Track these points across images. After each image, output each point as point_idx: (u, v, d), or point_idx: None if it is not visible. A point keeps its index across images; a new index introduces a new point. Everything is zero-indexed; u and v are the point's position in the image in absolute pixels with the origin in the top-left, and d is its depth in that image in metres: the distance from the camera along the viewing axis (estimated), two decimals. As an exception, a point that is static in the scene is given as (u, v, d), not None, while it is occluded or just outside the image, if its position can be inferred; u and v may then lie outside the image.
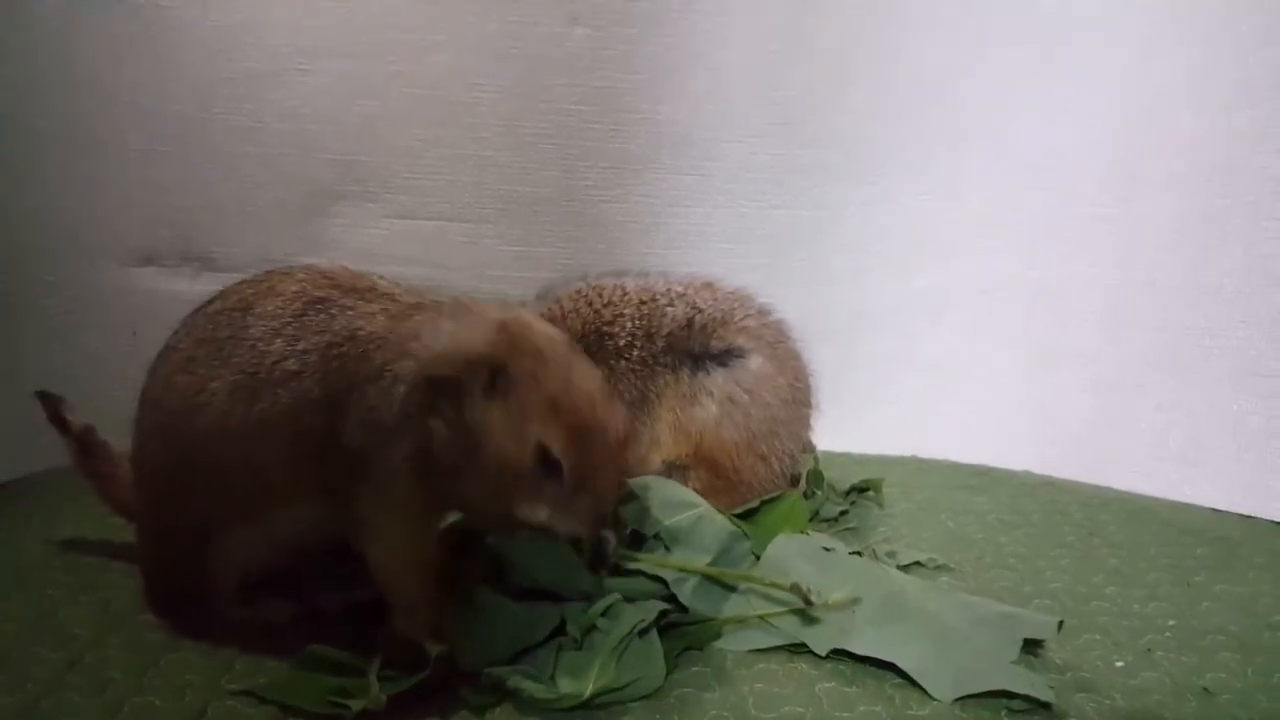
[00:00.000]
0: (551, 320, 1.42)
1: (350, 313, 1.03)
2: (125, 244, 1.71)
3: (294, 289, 1.06)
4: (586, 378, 1.00)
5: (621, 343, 1.43)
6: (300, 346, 1.01)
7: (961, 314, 1.88)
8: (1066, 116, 1.76)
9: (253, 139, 1.70)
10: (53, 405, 1.21)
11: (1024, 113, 1.78)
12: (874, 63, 1.76)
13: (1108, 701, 0.99)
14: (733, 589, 1.16)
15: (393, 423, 0.96)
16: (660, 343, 1.43)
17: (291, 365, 1.01)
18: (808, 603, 1.09)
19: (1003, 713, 0.96)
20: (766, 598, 1.13)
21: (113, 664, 1.02)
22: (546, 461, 0.95)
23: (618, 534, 1.12)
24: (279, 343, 1.02)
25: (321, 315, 1.03)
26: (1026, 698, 0.97)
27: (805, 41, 1.74)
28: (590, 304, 1.46)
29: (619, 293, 1.47)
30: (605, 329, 1.44)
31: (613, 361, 1.42)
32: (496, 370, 0.95)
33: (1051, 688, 0.98)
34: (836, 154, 1.79)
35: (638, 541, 1.23)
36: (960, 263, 1.85)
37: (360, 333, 1.01)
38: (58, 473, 1.27)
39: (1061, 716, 0.96)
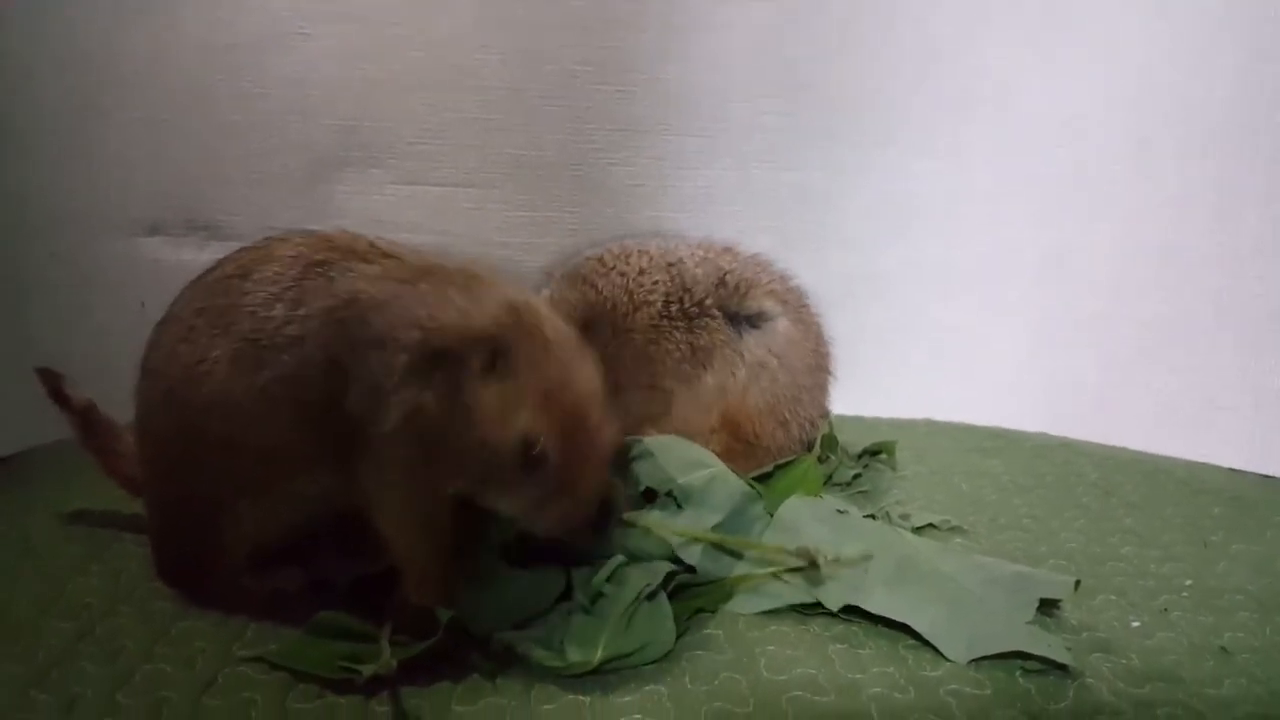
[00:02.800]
0: (588, 304, 1.42)
1: (351, 274, 1.01)
2: (131, 214, 1.70)
3: (292, 254, 1.04)
4: (589, 378, 0.99)
5: (658, 306, 1.42)
6: (301, 311, 0.99)
7: (974, 277, 1.86)
8: (1077, 79, 1.73)
9: (256, 106, 1.68)
10: (53, 382, 1.20)
11: (1034, 75, 1.75)
12: (883, 25, 1.73)
13: (1124, 662, 0.98)
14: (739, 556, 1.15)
15: (392, 389, 0.95)
16: (701, 294, 1.42)
17: (293, 330, 0.99)
18: (814, 565, 1.07)
19: (1017, 674, 0.96)
20: (773, 563, 1.12)
21: (124, 633, 1.02)
22: (531, 454, 0.95)
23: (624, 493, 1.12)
24: (280, 308, 1.00)
25: (321, 279, 1.01)
26: (1042, 659, 0.96)
27: (813, 3, 1.71)
28: (624, 274, 1.44)
29: (645, 258, 1.46)
30: (645, 296, 1.43)
31: (656, 322, 1.41)
32: (499, 350, 0.94)
33: (1068, 649, 0.97)
34: (845, 117, 1.77)
35: (650, 498, 1.23)
36: (973, 226, 1.83)
37: (362, 295, 0.99)
38: (67, 445, 1.26)
39: (1077, 677, 0.95)
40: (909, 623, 1.01)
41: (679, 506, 1.20)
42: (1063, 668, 0.95)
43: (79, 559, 1.18)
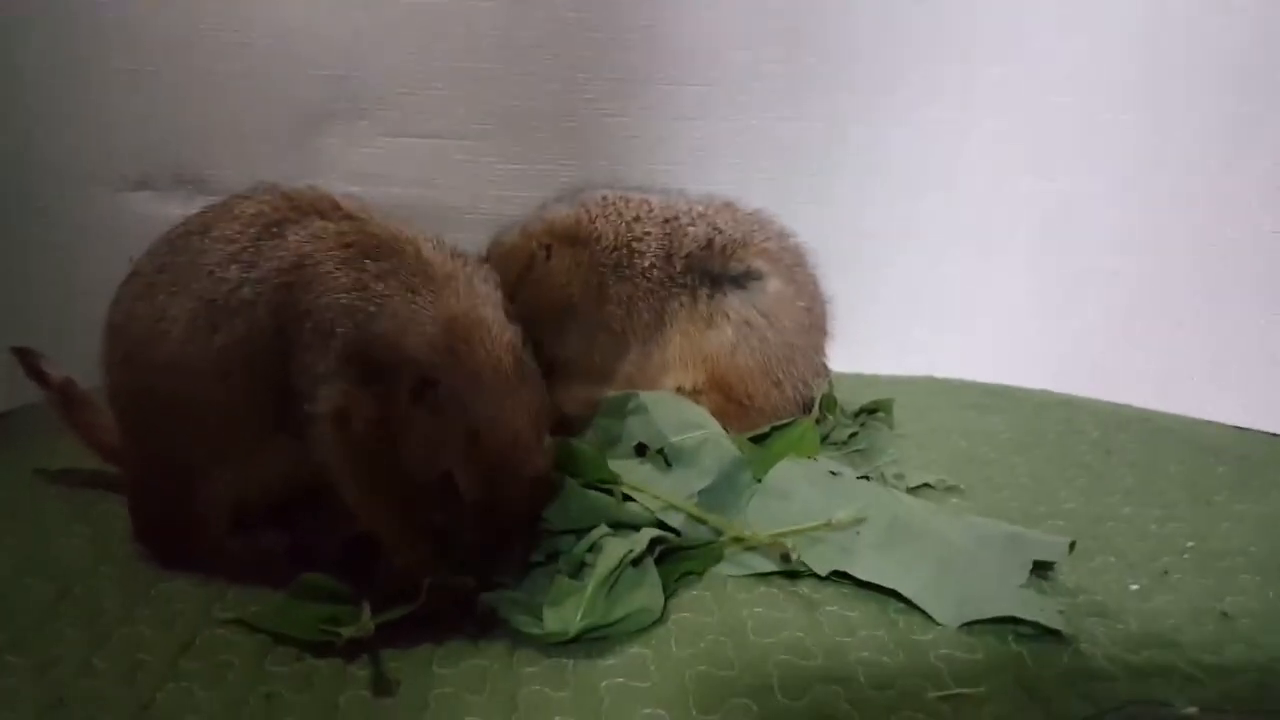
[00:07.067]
0: (579, 224, 1.40)
1: (301, 235, 0.99)
2: (117, 169, 1.68)
3: (252, 211, 1.02)
4: (519, 409, 0.95)
5: (646, 263, 1.40)
6: (254, 274, 0.98)
7: (978, 230, 1.83)
8: (1086, 21, 1.69)
9: (241, 57, 1.65)
10: (31, 360, 1.19)
11: (1042, 17, 1.71)
12: (885, -31, 1.69)
13: (1120, 626, 0.96)
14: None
15: (323, 373, 0.94)
16: (679, 264, 1.40)
17: (246, 294, 0.97)
18: (786, 560, 1.04)
19: (1010, 638, 0.93)
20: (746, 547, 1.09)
21: (103, 594, 1.01)
22: (449, 492, 0.93)
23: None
24: (234, 269, 0.98)
25: (276, 239, 0.99)
26: (1035, 623, 0.94)
27: (814, -57, 1.67)
28: (620, 214, 1.43)
29: (645, 207, 1.44)
30: (635, 244, 1.41)
31: (637, 280, 1.40)
32: (427, 382, 0.92)
33: (1061, 612, 0.94)
34: (847, 64, 1.74)
35: (642, 453, 1.21)
36: (976, 177, 1.80)
37: (308, 261, 0.97)
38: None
39: (1071, 643, 0.92)
40: (897, 587, 0.99)
41: (668, 464, 1.18)
42: (1056, 633, 0.93)
43: (62, 519, 1.17)
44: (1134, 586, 1.04)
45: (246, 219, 1.02)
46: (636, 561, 1.00)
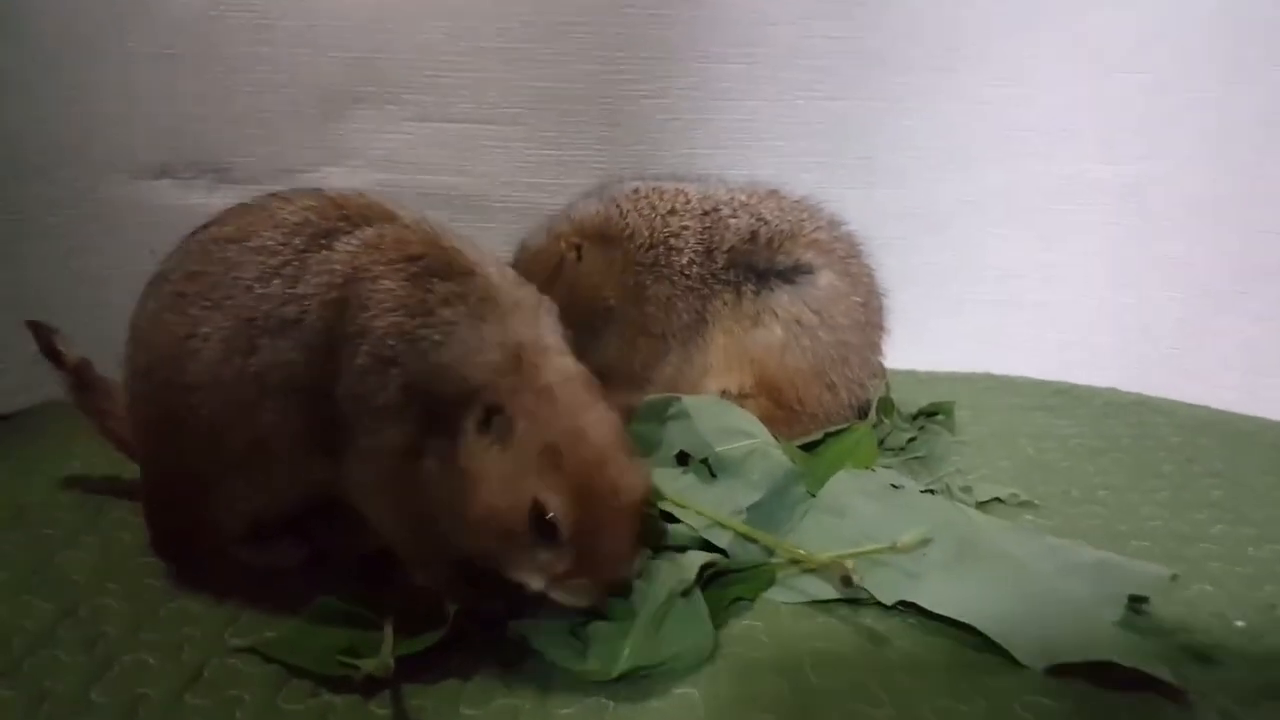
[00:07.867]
0: (609, 222, 1.36)
1: (355, 244, 0.93)
2: (136, 156, 1.63)
3: (296, 219, 0.96)
4: (601, 425, 0.88)
5: (684, 259, 1.34)
6: (299, 289, 0.91)
7: (1038, 215, 1.76)
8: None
9: (263, 39, 1.60)
10: (46, 337, 1.15)
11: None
12: (940, -63, 1.63)
13: (1229, 672, 0.86)
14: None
15: (383, 406, 0.88)
16: (721, 259, 1.35)
17: (290, 312, 0.91)
18: (847, 584, 0.96)
19: (1105, 686, 0.84)
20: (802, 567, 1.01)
21: (108, 615, 0.96)
22: (542, 523, 0.84)
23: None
24: (277, 284, 0.92)
25: (325, 252, 0.93)
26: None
27: (864, -87, 1.62)
28: (654, 208, 1.37)
29: (681, 199, 1.39)
30: (671, 240, 1.35)
31: (675, 278, 1.35)
32: (493, 408, 0.85)
33: (1160, 656, 0.85)
34: (899, 38, 1.67)
35: (684, 462, 1.15)
36: (1036, 158, 1.73)
37: (363, 275, 0.91)
38: (71, 403, 1.20)
39: (1177, 695, 0.83)
40: (973, 623, 0.91)
41: (713, 476, 1.12)
42: (1160, 681, 0.83)
43: (71, 528, 1.13)
44: (1239, 623, 0.95)
45: (290, 227, 0.95)
46: (685, 591, 0.93)
